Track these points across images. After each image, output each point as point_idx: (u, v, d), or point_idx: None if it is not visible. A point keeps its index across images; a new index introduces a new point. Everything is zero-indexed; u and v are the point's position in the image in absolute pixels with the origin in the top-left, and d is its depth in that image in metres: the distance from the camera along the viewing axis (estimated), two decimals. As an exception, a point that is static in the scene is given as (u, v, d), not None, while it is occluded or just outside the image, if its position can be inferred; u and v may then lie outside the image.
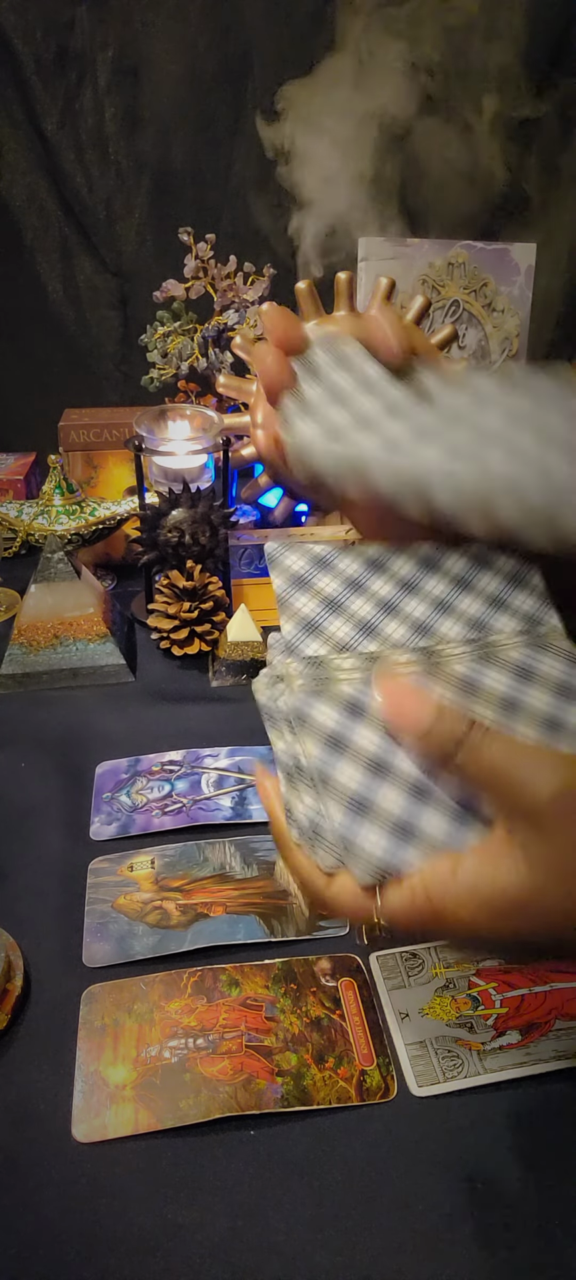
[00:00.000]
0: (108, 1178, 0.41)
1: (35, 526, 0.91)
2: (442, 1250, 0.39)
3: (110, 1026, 0.48)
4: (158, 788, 0.68)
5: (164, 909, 0.56)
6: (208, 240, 1.04)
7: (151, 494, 0.89)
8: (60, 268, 1.27)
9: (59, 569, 0.82)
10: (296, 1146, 0.43)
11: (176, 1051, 0.47)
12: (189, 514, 0.86)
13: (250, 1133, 0.43)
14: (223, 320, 1.05)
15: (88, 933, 0.54)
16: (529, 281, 1.03)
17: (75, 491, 0.94)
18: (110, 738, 0.74)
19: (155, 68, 1.18)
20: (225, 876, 0.59)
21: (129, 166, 1.22)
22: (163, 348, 1.06)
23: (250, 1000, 0.50)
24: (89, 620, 0.82)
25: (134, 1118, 0.44)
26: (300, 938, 0.54)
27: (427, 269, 1.01)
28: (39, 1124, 0.44)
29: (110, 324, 1.30)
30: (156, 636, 0.85)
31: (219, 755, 0.71)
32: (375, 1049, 0.47)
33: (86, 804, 0.66)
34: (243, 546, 0.86)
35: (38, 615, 0.81)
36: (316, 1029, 0.48)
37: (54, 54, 1.16)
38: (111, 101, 1.19)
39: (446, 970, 0.51)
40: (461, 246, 1.01)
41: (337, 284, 0.87)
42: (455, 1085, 0.45)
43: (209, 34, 1.17)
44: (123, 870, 0.59)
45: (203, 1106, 0.44)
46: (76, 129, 1.20)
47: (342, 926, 0.55)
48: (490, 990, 0.49)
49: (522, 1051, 0.46)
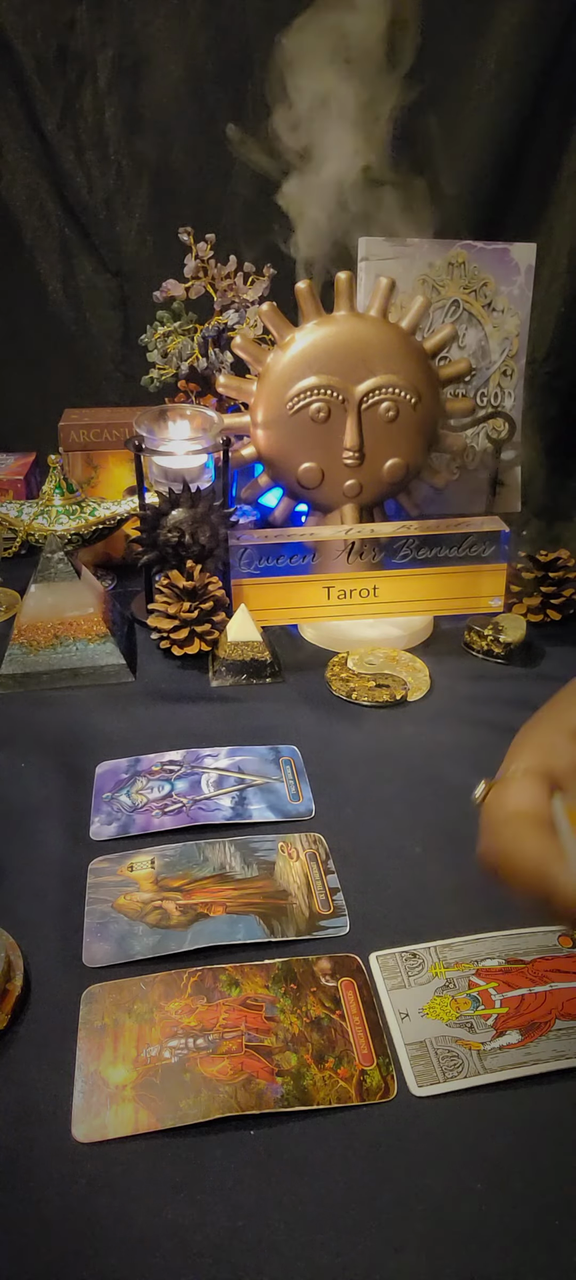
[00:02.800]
0: (108, 1178, 0.41)
1: (35, 526, 0.91)
2: (443, 1250, 0.39)
3: (110, 1026, 0.48)
4: (158, 788, 0.68)
5: (164, 909, 0.56)
6: (208, 240, 1.04)
7: (151, 494, 0.89)
8: (60, 268, 1.27)
9: (59, 569, 0.82)
10: (296, 1146, 0.43)
11: (176, 1051, 0.47)
12: (189, 514, 0.86)
13: (250, 1133, 0.43)
14: (223, 320, 1.05)
15: (88, 933, 0.54)
16: (529, 281, 1.03)
17: (75, 491, 0.94)
18: (110, 738, 0.74)
19: (155, 68, 1.18)
20: (225, 876, 0.59)
21: (129, 166, 1.22)
22: (163, 348, 1.06)
23: (250, 1000, 0.50)
24: (89, 620, 0.82)
25: (134, 1118, 0.44)
26: (300, 938, 0.54)
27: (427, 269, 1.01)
28: (39, 1124, 0.44)
29: (110, 324, 1.30)
30: (156, 636, 0.85)
31: (219, 755, 0.71)
32: (375, 1049, 0.47)
33: (86, 804, 0.66)
34: (243, 546, 0.86)
35: (38, 615, 0.81)
36: (316, 1029, 0.48)
37: (54, 54, 1.16)
38: (111, 101, 1.19)
39: (446, 970, 0.51)
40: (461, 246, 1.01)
41: (337, 284, 0.87)
42: (455, 1085, 0.45)
43: (209, 34, 1.17)
44: (123, 870, 0.59)
45: (203, 1106, 0.44)
46: (76, 129, 1.20)
47: (343, 927, 0.55)
48: (490, 990, 0.49)
49: (522, 1051, 0.46)
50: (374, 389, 0.87)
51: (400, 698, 0.79)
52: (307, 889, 0.58)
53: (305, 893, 0.57)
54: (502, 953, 0.52)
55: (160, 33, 1.16)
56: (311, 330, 0.87)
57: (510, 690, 0.82)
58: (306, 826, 0.64)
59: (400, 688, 0.79)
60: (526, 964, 0.51)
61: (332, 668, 0.83)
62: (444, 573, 0.89)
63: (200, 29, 1.16)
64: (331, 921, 0.55)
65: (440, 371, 0.92)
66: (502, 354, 1.05)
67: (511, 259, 1.02)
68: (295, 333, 0.88)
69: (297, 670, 0.85)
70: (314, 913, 0.56)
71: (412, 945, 0.53)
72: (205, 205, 1.23)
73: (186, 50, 1.17)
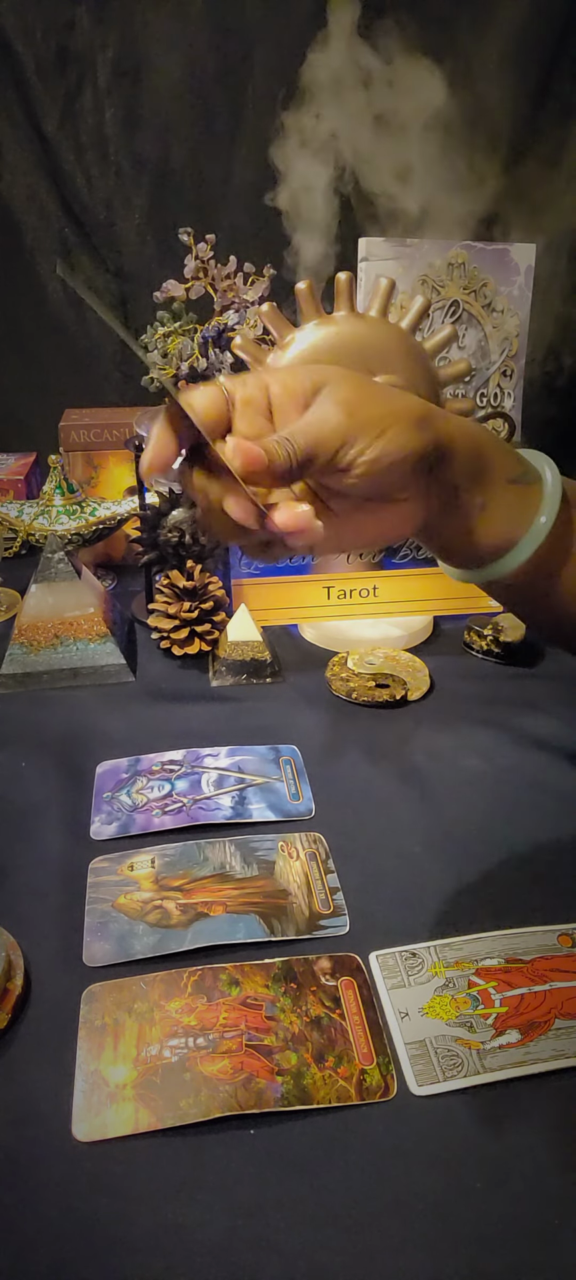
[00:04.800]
0: (108, 1177, 0.41)
1: (36, 526, 0.91)
2: (442, 1250, 0.39)
3: (110, 1026, 0.48)
4: (158, 787, 0.68)
5: (164, 908, 0.56)
6: (208, 240, 1.04)
7: (151, 494, 0.89)
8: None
9: (59, 569, 0.82)
10: (296, 1146, 0.43)
11: (176, 1051, 0.47)
12: (189, 514, 0.86)
13: (250, 1132, 0.43)
14: (223, 320, 1.05)
15: (88, 932, 0.54)
16: (529, 281, 1.03)
17: (75, 491, 0.94)
18: (110, 737, 0.74)
19: (155, 68, 1.18)
20: (225, 876, 0.59)
21: (129, 166, 1.22)
22: (163, 348, 1.06)
23: (250, 999, 0.50)
24: (89, 620, 0.82)
25: (134, 1117, 0.44)
26: (300, 937, 0.54)
27: (427, 269, 1.01)
28: (39, 1123, 0.44)
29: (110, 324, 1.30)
30: (156, 636, 0.85)
31: (219, 755, 0.71)
32: (375, 1048, 0.47)
33: (86, 804, 0.66)
34: (243, 546, 0.85)
35: (38, 615, 0.81)
36: (316, 1028, 0.48)
37: (54, 54, 1.16)
38: (111, 102, 1.19)
39: (446, 969, 0.51)
40: (461, 247, 1.01)
41: (337, 284, 0.87)
42: (454, 1085, 0.45)
43: (209, 34, 1.17)
44: (123, 870, 0.59)
45: (203, 1106, 0.44)
46: (76, 129, 1.20)
47: (343, 926, 0.55)
48: (490, 990, 0.49)
49: (522, 1051, 0.46)
50: (374, 389, 0.87)
51: (400, 698, 0.79)
52: (307, 888, 0.58)
53: (305, 892, 0.58)
54: (502, 952, 0.52)
55: (160, 33, 1.16)
56: (311, 330, 0.87)
57: (510, 690, 0.82)
58: (306, 826, 0.64)
59: (400, 688, 0.79)
60: (526, 963, 0.51)
61: (332, 667, 0.83)
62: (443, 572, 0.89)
63: (200, 29, 1.16)
64: (331, 921, 0.55)
65: (440, 372, 0.92)
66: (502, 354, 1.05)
67: (511, 259, 1.02)
68: (295, 333, 0.88)
69: (297, 670, 0.85)
70: (314, 912, 0.56)
71: (412, 945, 0.53)
72: (205, 205, 1.23)
73: (186, 50, 1.17)
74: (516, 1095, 0.45)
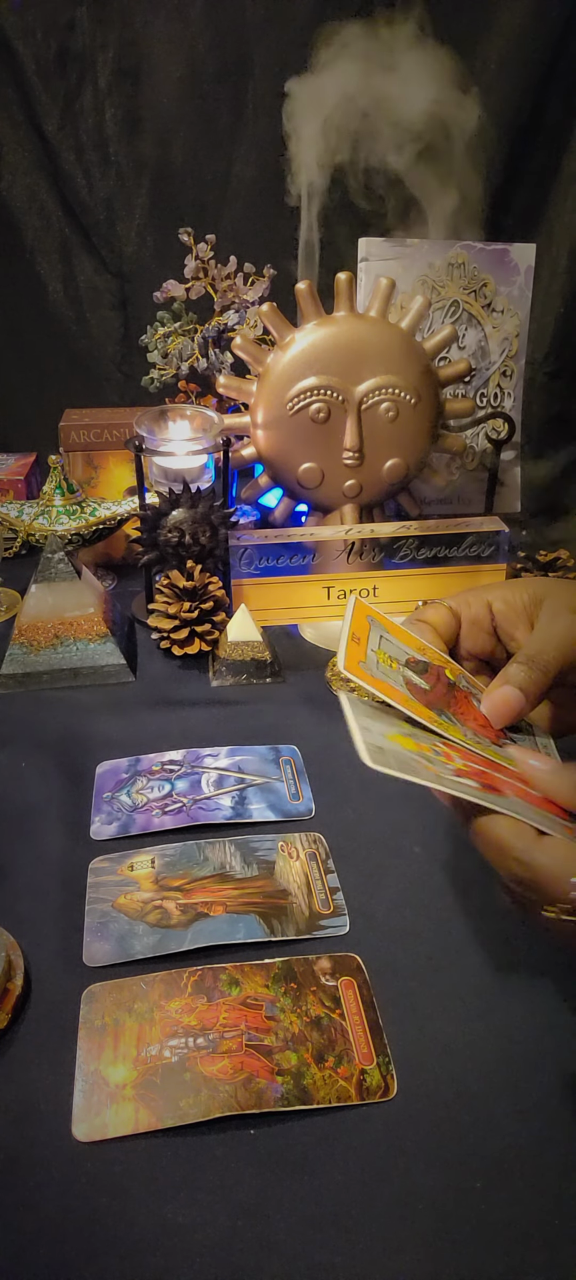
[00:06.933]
0: (108, 1177, 0.41)
1: (36, 527, 0.91)
2: (442, 1250, 0.39)
3: (110, 1026, 0.48)
4: (158, 787, 0.68)
5: (164, 908, 0.56)
6: (208, 240, 1.04)
7: (151, 494, 0.89)
8: (60, 268, 1.27)
9: (59, 569, 0.82)
10: (296, 1146, 0.43)
11: (176, 1051, 0.47)
12: (189, 514, 0.86)
13: (250, 1132, 0.43)
14: (223, 320, 1.05)
15: (88, 932, 0.54)
16: (529, 281, 1.03)
17: (76, 492, 0.94)
18: (110, 737, 0.74)
19: (155, 68, 1.18)
20: (225, 876, 0.59)
21: (129, 166, 1.22)
22: (163, 348, 1.06)
23: (250, 999, 0.50)
24: (89, 620, 0.82)
25: (134, 1117, 0.44)
26: (300, 937, 0.54)
27: (427, 269, 1.01)
28: (39, 1123, 0.44)
29: (110, 324, 1.30)
30: (156, 636, 0.85)
31: (219, 755, 0.71)
32: (375, 1048, 0.47)
33: (87, 804, 0.66)
34: (242, 546, 0.86)
35: (38, 615, 0.81)
36: (316, 1028, 0.48)
37: (54, 54, 1.16)
38: (111, 102, 1.19)
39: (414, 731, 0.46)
40: (461, 247, 1.01)
41: (337, 284, 0.87)
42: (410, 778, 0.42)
43: (209, 34, 1.17)
44: (123, 870, 0.59)
45: (203, 1106, 0.44)
46: (76, 129, 1.20)
47: (343, 926, 0.55)
48: (453, 755, 0.45)
49: (479, 795, 0.42)
50: (374, 389, 0.87)
51: (400, 698, 0.78)
52: (307, 888, 0.58)
53: (305, 892, 0.58)
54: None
55: (160, 33, 1.16)
56: (311, 331, 0.87)
57: (510, 690, 0.81)
58: (306, 826, 0.64)
59: (400, 688, 0.79)
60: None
61: (332, 668, 0.83)
62: (443, 573, 0.89)
63: (200, 29, 1.16)
64: (331, 921, 0.55)
65: (440, 372, 0.92)
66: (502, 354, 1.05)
67: (511, 259, 1.02)
68: (295, 333, 0.88)
69: (297, 670, 0.85)
70: (314, 912, 0.56)
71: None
72: (205, 205, 1.23)
73: (186, 50, 1.17)
74: (517, 1095, 0.45)
